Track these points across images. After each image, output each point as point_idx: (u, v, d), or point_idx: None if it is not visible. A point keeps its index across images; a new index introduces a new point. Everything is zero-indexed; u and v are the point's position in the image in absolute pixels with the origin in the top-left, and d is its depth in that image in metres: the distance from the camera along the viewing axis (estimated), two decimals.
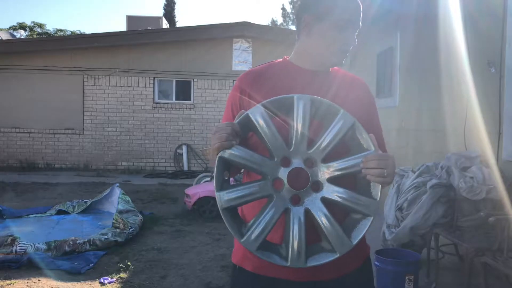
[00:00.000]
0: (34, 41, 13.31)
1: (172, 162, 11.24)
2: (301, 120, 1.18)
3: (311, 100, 1.19)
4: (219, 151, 1.19)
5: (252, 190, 1.19)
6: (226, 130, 1.18)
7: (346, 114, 1.19)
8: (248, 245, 1.18)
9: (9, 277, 3.76)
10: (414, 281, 3.06)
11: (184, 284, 3.72)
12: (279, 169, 1.20)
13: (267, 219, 1.18)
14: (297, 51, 1.42)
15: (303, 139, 1.19)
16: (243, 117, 1.20)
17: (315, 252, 1.20)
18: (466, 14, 4.21)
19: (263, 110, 1.19)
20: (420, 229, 3.57)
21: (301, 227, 1.17)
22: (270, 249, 1.21)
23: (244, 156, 1.19)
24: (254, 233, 1.18)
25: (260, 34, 10.99)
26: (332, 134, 1.19)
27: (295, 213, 1.18)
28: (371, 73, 6.99)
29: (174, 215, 6.13)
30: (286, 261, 1.18)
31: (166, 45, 11.16)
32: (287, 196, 1.20)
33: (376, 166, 1.18)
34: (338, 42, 1.33)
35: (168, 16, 26.90)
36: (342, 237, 1.18)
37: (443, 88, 4.65)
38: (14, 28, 24.21)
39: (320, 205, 1.19)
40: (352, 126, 1.19)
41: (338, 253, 1.18)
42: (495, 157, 3.62)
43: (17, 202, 6.92)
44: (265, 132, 1.19)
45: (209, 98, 11.26)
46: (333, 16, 1.31)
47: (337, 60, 1.36)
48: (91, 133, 11.19)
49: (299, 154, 1.20)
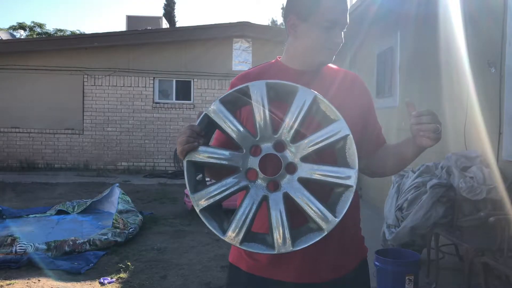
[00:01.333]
0: (34, 41, 13.31)
1: (172, 162, 11.23)
2: (260, 106, 1.18)
3: (266, 84, 1.19)
4: (184, 155, 1.19)
5: (226, 186, 1.19)
6: (186, 134, 1.18)
7: (305, 90, 1.18)
8: (231, 240, 1.18)
9: (9, 277, 3.76)
10: (414, 281, 3.06)
11: (184, 284, 3.72)
12: (249, 159, 1.20)
13: (246, 211, 1.17)
14: (286, 51, 1.43)
15: (266, 124, 1.18)
16: (202, 117, 1.21)
17: (303, 233, 1.19)
18: (466, 14, 4.21)
19: (221, 106, 1.20)
20: (420, 229, 3.57)
21: (279, 212, 1.16)
22: (256, 240, 1.20)
23: (210, 155, 1.20)
24: (235, 228, 1.17)
25: (260, 34, 10.99)
26: (294, 113, 1.17)
27: (273, 200, 1.18)
28: (371, 73, 6.99)
29: (174, 215, 6.13)
30: (273, 249, 1.17)
31: (166, 45, 11.16)
32: (264, 184, 1.19)
33: (431, 121, 1.19)
34: (324, 41, 1.32)
35: (168, 16, 26.90)
36: (325, 213, 1.16)
37: (443, 88, 4.64)
38: (14, 28, 24.24)
39: (297, 186, 1.18)
40: (313, 100, 1.18)
41: (325, 231, 1.16)
42: (495, 157, 3.61)
43: (17, 202, 6.92)
44: (226, 127, 1.20)
45: (209, 98, 11.25)
46: (318, 15, 1.30)
47: (325, 59, 1.35)
48: (91, 133, 11.19)
49: (267, 140, 1.20)
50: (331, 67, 1.45)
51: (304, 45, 1.35)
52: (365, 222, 1.20)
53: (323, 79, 1.38)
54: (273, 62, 1.45)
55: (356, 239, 1.43)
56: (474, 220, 3.32)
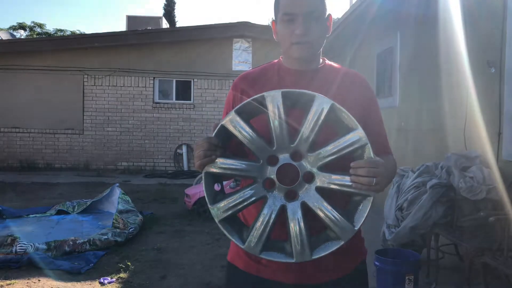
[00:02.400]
0: (34, 41, 13.30)
1: (172, 162, 11.24)
2: (276, 116, 1.18)
3: (281, 93, 1.18)
4: (201, 168, 1.20)
5: (244, 197, 1.20)
6: (203, 147, 1.19)
7: (322, 98, 1.17)
8: (251, 250, 1.19)
9: (9, 277, 3.76)
10: (414, 281, 3.06)
11: (184, 284, 3.72)
12: (267, 170, 1.20)
13: (265, 221, 1.18)
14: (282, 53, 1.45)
15: (283, 134, 1.18)
16: (218, 128, 1.21)
17: (321, 242, 1.19)
18: (466, 14, 4.21)
19: (236, 116, 1.20)
20: (420, 229, 3.57)
21: (298, 222, 1.17)
22: (276, 248, 1.21)
23: (228, 167, 1.21)
24: (254, 237, 1.18)
25: (260, 34, 10.99)
26: (311, 122, 1.17)
27: (290, 209, 1.18)
28: (371, 73, 6.99)
29: (174, 215, 6.13)
30: (292, 258, 1.18)
31: (166, 45, 11.16)
32: (281, 193, 1.20)
33: (366, 174, 1.13)
34: (289, 36, 1.32)
35: (168, 16, 26.90)
36: (343, 223, 1.16)
37: (443, 88, 4.64)
38: (14, 28, 24.25)
39: (316, 195, 1.18)
40: (331, 108, 1.17)
41: (342, 240, 1.17)
42: (495, 157, 3.61)
43: (17, 202, 6.92)
44: (242, 138, 1.20)
45: (209, 98, 11.26)
46: (279, 13, 1.33)
47: (298, 54, 1.33)
48: (91, 133, 11.19)
49: (284, 150, 1.20)
50: (332, 66, 1.44)
51: (282, 45, 1.37)
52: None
53: (324, 78, 1.38)
54: (275, 62, 1.45)
55: (356, 241, 1.42)
56: (474, 220, 3.32)
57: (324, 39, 1.37)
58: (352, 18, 6.51)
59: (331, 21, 1.37)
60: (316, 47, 1.35)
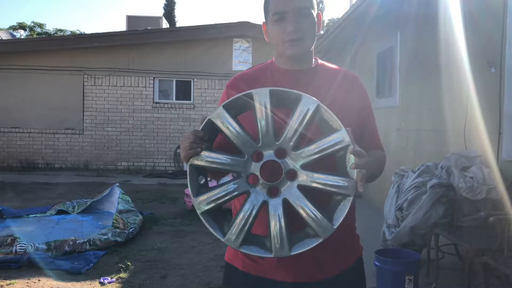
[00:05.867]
0: (34, 41, 13.31)
1: (172, 162, 11.24)
2: (263, 113, 1.20)
3: (269, 92, 1.20)
4: (188, 160, 1.22)
5: (227, 191, 1.22)
6: (190, 139, 1.20)
7: (308, 98, 1.19)
8: (231, 243, 1.21)
9: (9, 277, 3.76)
10: (414, 281, 3.06)
11: (184, 284, 3.72)
12: (251, 165, 1.22)
13: (246, 216, 1.20)
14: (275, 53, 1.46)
15: (269, 131, 1.20)
16: (205, 122, 1.23)
17: (301, 238, 1.21)
18: (466, 13, 4.21)
19: (224, 111, 1.22)
20: (420, 229, 3.57)
21: (278, 218, 1.19)
22: (256, 243, 1.23)
23: (213, 160, 1.22)
24: (235, 231, 1.20)
25: (260, 34, 10.93)
26: (296, 121, 1.19)
27: (272, 205, 1.20)
28: (371, 73, 6.99)
29: (174, 215, 6.13)
30: (271, 252, 1.20)
31: (166, 45, 11.16)
32: (264, 189, 1.21)
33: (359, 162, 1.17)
34: (281, 35, 1.33)
35: (168, 16, 26.89)
36: (322, 221, 1.18)
37: (443, 88, 4.64)
38: (14, 28, 24.26)
39: (297, 193, 1.20)
40: (316, 109, 1.19)
41: (321, 237, 1.19)
42: (495, 157, 3.61)
43: (17, 202, 6.92)
44: (228, 133, 1.22)
45: (209, 98, 11.26)
46: (270, 13, 1.35)
47: (291, 51, 1.34)
48: (91, 133, 11.19)
49: (269, 147, 1.22)
50: (330, 67, 1.45)
51: (274, 45, 1.38)
52: (365, 222, 1.20)
53: (322, 79, 1.39)
54: (268, 62, 1.46)
55: (351, 238, 1.45)
56: (474, 220, 3.32)
57: (315, 36, 1.38)
58: (352, 18, 6.51)
59: (320, 20, 1.39)
60: (309, 43, 1.35)
